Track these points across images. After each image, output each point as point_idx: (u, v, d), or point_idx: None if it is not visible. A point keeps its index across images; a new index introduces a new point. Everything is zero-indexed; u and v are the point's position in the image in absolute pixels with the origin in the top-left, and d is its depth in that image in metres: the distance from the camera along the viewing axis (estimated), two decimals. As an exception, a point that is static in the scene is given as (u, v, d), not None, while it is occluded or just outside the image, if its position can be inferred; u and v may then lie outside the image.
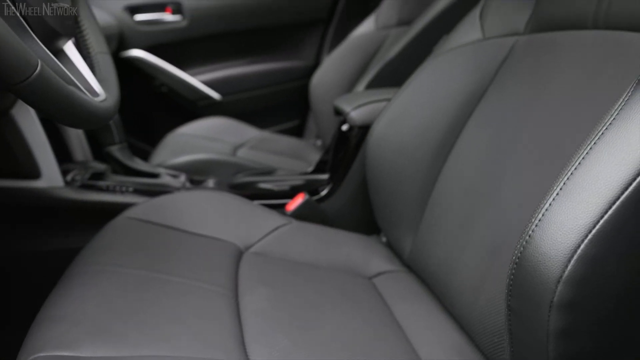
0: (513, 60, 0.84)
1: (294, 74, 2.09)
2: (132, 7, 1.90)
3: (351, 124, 1.05)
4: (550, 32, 0.80)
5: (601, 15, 0.70)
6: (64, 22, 0.62)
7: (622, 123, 0.47)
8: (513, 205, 0.69)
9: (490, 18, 0.91)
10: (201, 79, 1.99)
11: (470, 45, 0.91)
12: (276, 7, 2.00)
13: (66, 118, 0.55)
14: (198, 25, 1.94)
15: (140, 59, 1.91)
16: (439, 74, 0.92)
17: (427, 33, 1.28)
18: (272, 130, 2.05)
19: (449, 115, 0.87)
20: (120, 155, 1.14)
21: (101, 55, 0.75)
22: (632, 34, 0.65)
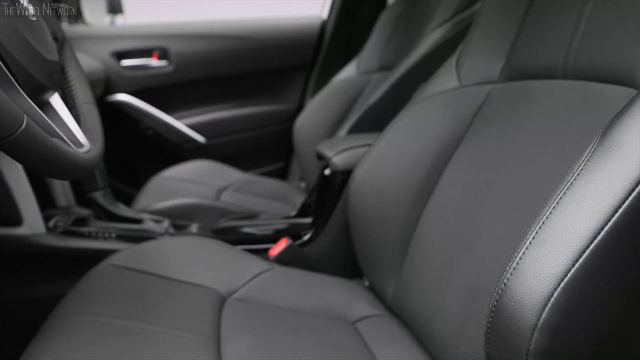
0: (488, 108, 0.87)
1: (278, 117, 2.13)
2: (119, 53, 1.93)
3: (333, 169, 1.07)
4: (523, 80, 0.83)
5: (569, 66, 0.73)
6: (51, 76, 0.63)
7: (589, 174, 0.49)
8: (491, 251, 0.71)
9: (466, 67, 0.95)
10: (186, 122, 2.01)
11: (448, 93, 0.94)
12: (260, 52, 2.05)
13: (50, 171, 0.56)
14: (183, 70, 1.97)
15: (126, 103, 1.93)
16: (418, 120, 0.94)
17: (407, 79, 1.32)
18: (257, 172, 2.07)
19: (428, 161, 0.89)
20: (103, 201, 1.14)
21: (87, 105, 0.77)
22: (599, 85, 0.68)
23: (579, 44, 0.72)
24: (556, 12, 0.79)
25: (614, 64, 0.66)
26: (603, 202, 0.46)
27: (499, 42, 0.90)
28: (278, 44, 2.07)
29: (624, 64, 0.65)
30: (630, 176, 0.47)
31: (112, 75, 1.90)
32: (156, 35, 1.98)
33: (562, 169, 0.65)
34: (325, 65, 2.11)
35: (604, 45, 0.69)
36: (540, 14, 0.83)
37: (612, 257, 0.47)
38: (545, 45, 0.79)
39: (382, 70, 1.62)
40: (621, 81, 0.65)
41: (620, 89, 0.65)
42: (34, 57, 0.59)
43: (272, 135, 2.14)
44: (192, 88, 2.02)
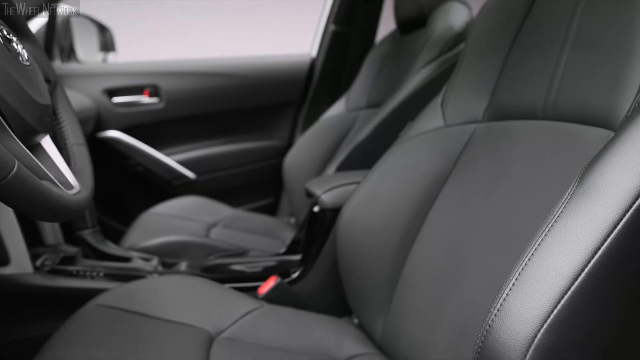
0: (473, 147, 0.89)
1: (267, 154, 2.15)
2: (110, 90, 1.95)
3: (322, 207, 1.08)
4: (506, 120, 0.85)
5: (550, 107, 0.76)
6: (42, 119, 0.64)
7: (568, 217, 0.50)
8: (477, 290, 0.72)
9: (451, 107, 0.97)
10: (176, 158, 2.02)
11: (434, 132, 0.96)
12: (251, 90, 2.08)
13: (40, 214, 0.56)
14: (174, 107, 2.00)
15: (116, 139, 1.94)
16: (405, 159, 0.96)
17: (394, 118, 1.34)
18: (246, 208, 2.07)
19: (415, 199, 0.91)
20: (92, 239, 1.14)
21: (77, 146, 0.78)
22: (578, 126, 0.70)
23: (558, 86, 0.75)
24: (536, 56, 0.81)
25: (591, 106, 0.69)
26: (583, 244, 0.47)
27: (482, 84, 0.93)
28: (268, 81, 2.10)
29: (601, 106, 0.67)
30: (608, 218, 0.48)
31: (103, 112, 1.92)
32: (147, 72, 2.01)
33: (544, 209, 0.66)
34: (314, 102, 2.14)
35: (581, 88, 0.71)
36: (520, 57, 0.85)
37: (595, 297, 0.48)
38: (526, 87, 0.81)
39: (370, 107, 1.65)
40: (599, 123, 0.67)
41: (598, 131, 0.67)
42: (27, 102, 0.60)
43: (261, 171, 2.15)
44: (183, 124, 2.04)
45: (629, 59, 0.65)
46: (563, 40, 0.77)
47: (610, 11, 0.70)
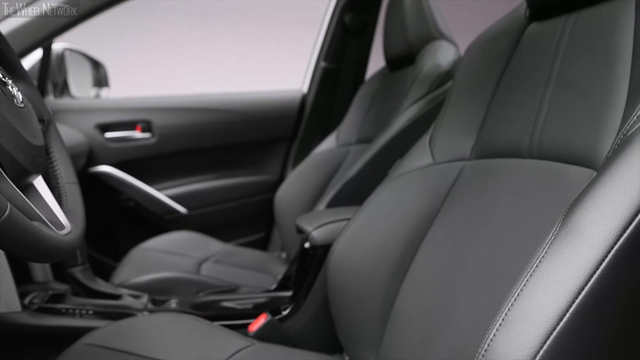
0: (461, 184, 0.90)
1: (259, 188, 2.15)
2: (103, 126, 1.97)
3: (312, 243, 1.08)
4: (493, 158, 0.87)
5: (534, 146, 0.77)
6: (35, 160, 0.65)
7: (552, 258, 0.51)
8: (467, 327, 0.72)
9: (439, 145, 0.99)
10: (168, 193, 2.03)
11: (422, 170, 0.98)
12: (243, 125, 2.10)
13: (31, 255, 0.56)
14: (166, 142, 2.01)
15: (108, 174, 1.95)
16: (394, 196, 0.97)
17: (383, 155, 1.36)
18: (238, 242, 2.07)
19: (405, 236, 0.92)
20: (81, 276, 1.14)
21: (69, 185, 0.78)
22: (562, 165, 0.72)
23: (542, 126, 0.77)
24: (520, 96, 0.84)
25: (574, 146, 0.70)
26: (567, 284, 0.48)
27: (469, 122, 0.95)
28: (260, 116, 2.13)
29: (584, 146, 0.68)
30: (591, 259, 0.49)
31: (96, 147, 1.93)
32: (140, 108, 2.03)
33: (531, 247, 0.67)
34: (305, 137, 2.17)
35: (564, 128, 0.73)
36: (506, 96, 0.88)
37: (580, 337, 0.48)
38: (512, 126, 0.83)
39: (361, 143, 1.67)
40: (582, 162, 0.68)
41: (581, 170, 0.68)
42: (20, 144, 0.61)
43: (253, 206, 2.16)
44: (175, 159, 2.05)
45: (609, 100, 0.67)
46: (546, 81, 0.79)
47: (590, 54, 0.73)
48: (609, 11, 0.72)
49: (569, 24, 0.79)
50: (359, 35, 2.06)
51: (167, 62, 3.48)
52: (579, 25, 0.77)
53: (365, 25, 2.03)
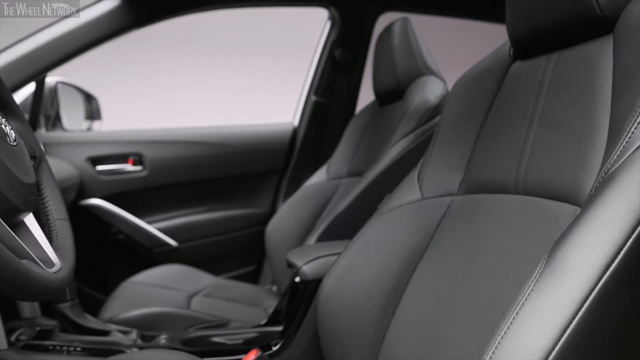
0: (450, 219, 0.91)
1: (250, 221, 2.16)
2: (94, 159, 1.97)
3: (303, 278, 1.08)
4: (480, 194, 0.88)
5: (520, 182, 0.79)
6: (26, 198, 0.65)
7: (537, 296, 0.52)
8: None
9: (427, 180, 1.00)
10: (159, 226, 2.02)
11: (411, 205, 0.99)
12: (234, 158, 2.12)
13: (20, 294, 0.56)
14: (158, 175, 2.02)
15: (98, 207, 1.94)
16: (384, 231, 0.98)
17: (372, 189, 1.38)
18: (229, 275, 2.06)
19: (394, 272, 0.92)
20: (70, 312, 1.13)
21: (60, 222, 0.79)
22: (548, 201, 0.73)
23: (527, 162, 0.78)
24: (505, 133, 0.86)
25: (558, 183, 0.72)
26: (553, 322, 0.49)
27: (457, 157, 0.96)
28: (251, 149, 2.14)
29: (567, 183, 0.70)
30: (576, 297, 0.50)
31: (86, 179, 1.93)
32: (132, 141, 2.04)
33: (518, 283, 0.68)
34: (296, 170, 2.18)
35: (548, 165, 0.74)
36: (492, 133, 0.89)
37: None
38: (498, 162, 0.85)
39: (351, 176, 1.69)
40: (566, 199, 0.70)
41: (566, 207, 0.69)
42: (12, 183, 0.62)
43: (244, 239, 2.15)
44: (166, 192, 2.05)
45: (590, 138, 0.69)
46: (530, 119, 0.81)
47: (572, 93, 0.75)
48: (589, 51, 0.75)
49: (550, 63, 0.81)
50: (349, 70, 2.10)
51: (159, 93, 3.51)
52: (560, 64, 0.80)
53: (355, 61, 2.08)
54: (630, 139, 0.59)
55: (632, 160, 0.57)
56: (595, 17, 0.72)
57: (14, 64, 1.58)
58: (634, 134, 0.59)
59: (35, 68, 1.63)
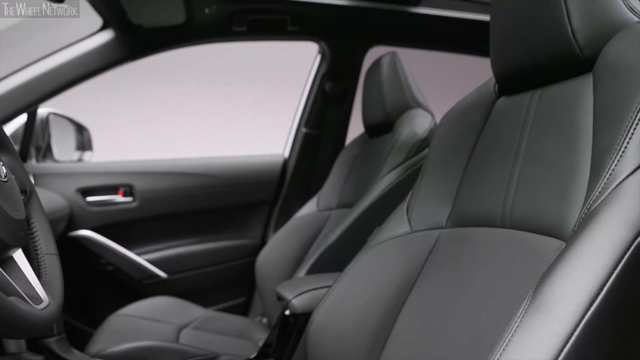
0: (438, 253, 0.92)
1: (240, 252, 2.15)
2: (85, 190, 1.97)
3: (293, 312, 1.08)
4: (468, 227, 0.89)
5: (507, 216, 0.80)
6: (16, 234, 0.65)
7: (524, 331, 0.52)
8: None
9: (416, 213, 1.01)
10: (148, 257, 2.01)
11: (400, 238, 1.00)
12: (225, 189, 2.12)
13: (7, 332, 0.56)
14: (148, 206, 2.01)
15: (87, 238, 1.93)
16: (373, 264, 0.99)
17: (362, 221, 1.39)
18: (218, 307, 2.04)
19: (384, 305, 0.92)
20: (56, 347, 1.11)
21: (48, 256, 0.78)
22: (533, 235, 0.74)
23: (513, 197, 0.80)
24: (492, 167, 0.87)
25: (543, 217, 0.73)
26: (538, 359, 0.50)
27: (445, 191, 0.97)
28: (242, 180, 2.15)
29: (552, 218, 0.71)
30: (560, 333, 0.50)
31: (76, 210, 1.92)
32: (122, 172, 2.04)
33: (505, 317, 0.69)
34: (287, 201, 2.19)
35: (533, 199, 0.76)
36: (479, 167, 0.91)
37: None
38: (485, 196, 0.86)
39: (341, 207, 1.70)
40: (552, 233, 0.71)
41: (552, 241, 0.70)
42: (2, 219, 0.62)
43: (234, 270, 2.14)
44: (156, 223, 2.05)
45: (573, 173, 0.70)
46: (515, 154, 0.83)
47: (555, 129, 0.77)
48: (570, 89, 0.77)
49: (534, 100, 0.84)
50: (339, 102, 2.13)
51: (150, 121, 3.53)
52: (543, 101, 0.82)
53: (345, 93, 2.11)
54: (611, 176, 0.61)
55: (613, 197, 0.59)
56: (576, 56, 0.75)
57: (7, 96, 1.59)
58: (615, 171, 0.61)
59: (29, 100, 1.64)
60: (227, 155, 2.25)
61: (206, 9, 1.65)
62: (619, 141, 0.62)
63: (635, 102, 0.63)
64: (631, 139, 0.61)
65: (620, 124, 0.63)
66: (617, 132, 0.63)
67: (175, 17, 1.65)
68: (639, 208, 0.56)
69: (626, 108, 0.63)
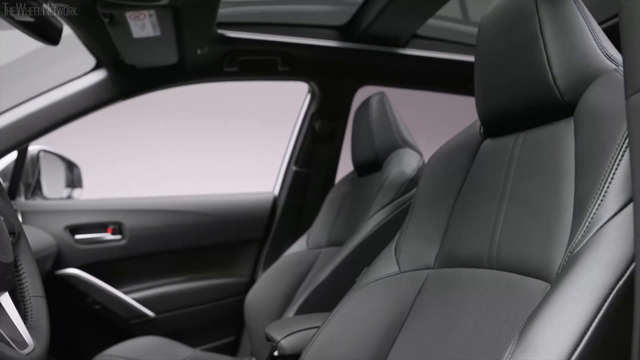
0: (426, 293, 0.93)
1: (229, 291, 2.13)
2: (73, 227, 1.95)
3: (281, 353, 1.07)
4: (456, 268, 0.90)
5: (493, 257, 0.81)
6: (3, 277, 0.65)
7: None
8: None
9: (404, 254, 1.02)
10: (136, 296, 1.99)
11: (388, 278, 1.00)
12: (214, 227, 2.12)
13: (-9, 378, 0.56)
14: (137, 244, 2.00)
15: (75, 276, 1.91)
16: (362, 306, 0.98)
17: (351, 261, 1.39)
18: (207, 347, 2.01)
19: (373, 346, 0.92)
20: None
21: (35, 299, 0.78)
22: (519, 277, 0.75)
23: (499, 238, 0.81)
24: (478, 208, 0.88)
25: (528, 258, 0.74)
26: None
27: (433, 231, 0.98)
28: (231, 218, 2.15)
29: (537, 259, 0.72)
30: (545, 377, 0.51)
31: (64, 248, 1.90)
32: (112, 210, 2.03)
33: (493, 358, 0.69)
34: (276, 239, 2.18)
35: (519, 241, 0.77)
36: (465, 208, 0.92)
37: None
38: (472, 237, 0.87)
39: (331, 246, 1.70)
40: (537, 275, 0.72)
41: (537, 283, 0.71)
42: None
43: (223, 309, 2.12)
44: (145, 261, 2.03)
45: (557, 216, 0.71)
46: (501, 195, 0.84)
47: (538, 172, 0.79)
48: (553, 133, 0.79)
49: (518, 142, 0.86)
50: (329, 141, 2.15)
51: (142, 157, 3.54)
52: (527, 144, 0.84)
53: (334, 132, 2.13)
54: (593, 219, 0.62)
55: (595, 241, 0.60)
56: (557, 101, 0.77)
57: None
58: (596, 215, 0.62)
59: (20, 138, 1.65)
60: (216, 192, 2.25)
61: (198, 50, 1.69)
62: (599, 185, 0.64)
63: (613, 148, 0.64)
64: (611, 184, 0.63)
65: (600, 169, 0.65)
66: (598, 176, 0.65)
67: (168, 57, 1.67)
68: (620, 252, 0.57)
69: (605, 153, 0.65)
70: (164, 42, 1.52)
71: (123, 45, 1.53)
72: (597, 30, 0.79)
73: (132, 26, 1.38)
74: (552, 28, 0.77)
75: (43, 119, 1.67)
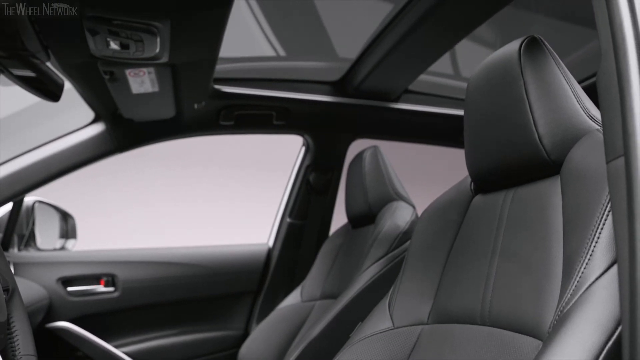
0: (420, 349, 0.92)
1: (223, 344, 2.10)
2: (66, 279, 1.94)
3: (274, 411, 1.06)
4: (449, 324, 0.90)
5: (486, 314, 0.81)
6: (-4, 337, 0.65)
7: None
8: None
9: (398, 309, 1.02)
10: (128, 350, 1.95)
11: (382, 334, 1.00)
12: (208, 279, 2.10)
13: None
14: (130, 296, 1.98)
15: (65, 330, 1.88)
16: (356, 362, 0.98)
17: (345, 315, 1.38)
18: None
19: (367, 404, 0.91)
20: None
21: (26, 357, 0.77)
22: (512, 334, 0.75)
23: (491, 295, 0.82)
24: (470, 264, 0.89)
25: (521, 315, 0.75)
26: None
27: (426, 287, 0.99)
28: (225, 270, 2.14)
29: (529, 316, 0.73)
30: None
31: (56, 301, 1.88)
32: (105, 261, 2.02)
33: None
34: (270, 291, 2.17)
35: (510, 297, 0.78)
36: (458, 263, 0.93)
37: None
38: (464, 293, 0.88)
39: (325, 298, 1.69)
40: (529, 332, 0.72)
41: (530, 340, 0.72)
42: None
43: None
44: (138, 314, 2.01)
45: (547, 273, 0.73)
46: (492, 252, 0.85)
47: (528, 229, 0.80)
48: (541, 190, 0.81)
49: (508, 199, 0.88)
50: (323, 193, 2.17)
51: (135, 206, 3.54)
52: (516, 201, 0.86)
53: (328, 184, 2.16)
54: (581, 279, 0.63)
55: (584, 300, 0.61)
56: (544, 160, 0.80)
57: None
58: (584, 274, 0.63)
59: (16, 189, 1.66)
60: (210, 244, 2.25)
61: (195, 105, 1.72)
62: (586, 245, 0.65)
63: (598, 208, 0.66)
64: (597, 243, 0.64)
65: (587, 229, 0.66)
66: (584, 235, 0.66)
67: (166, 112, 1.71)
68: (608, 311, 0.58)
69: (591, 213, 0.67)
70: (162, 97, 1.56)
71: (122, 100, 1.56)
72: (579, 91, 0.82)
73: (131, 82, 1.42)
74: (537, 90, 0.80)
75: (40, 171, 1.69)
